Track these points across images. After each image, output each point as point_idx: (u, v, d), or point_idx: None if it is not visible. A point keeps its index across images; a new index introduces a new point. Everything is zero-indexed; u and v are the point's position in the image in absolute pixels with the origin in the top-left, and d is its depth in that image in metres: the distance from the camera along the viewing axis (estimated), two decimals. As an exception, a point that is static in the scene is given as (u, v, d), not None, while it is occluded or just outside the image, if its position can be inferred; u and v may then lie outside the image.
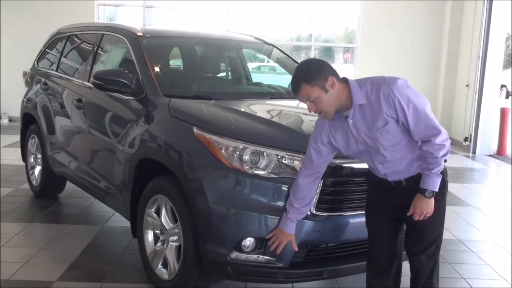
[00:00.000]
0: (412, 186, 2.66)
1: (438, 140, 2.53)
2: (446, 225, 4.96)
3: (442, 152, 2.54)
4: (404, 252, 2.96)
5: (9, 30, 10.71)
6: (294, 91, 2.62)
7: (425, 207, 2.62)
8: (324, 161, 2.80)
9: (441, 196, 2.71)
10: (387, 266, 2.90)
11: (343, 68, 12.05)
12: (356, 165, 3.06)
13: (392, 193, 2.75)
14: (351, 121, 2.63)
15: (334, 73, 2.59)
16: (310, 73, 2.55)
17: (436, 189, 2.61)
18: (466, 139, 9.96)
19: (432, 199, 2.62)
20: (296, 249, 2.93)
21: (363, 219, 2.97)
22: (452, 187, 6.67)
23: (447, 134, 2.58)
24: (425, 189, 2.60)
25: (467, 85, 10.06)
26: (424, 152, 2.57)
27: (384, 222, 2.83)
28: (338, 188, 3.07)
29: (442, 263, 4.20)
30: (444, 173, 2.69)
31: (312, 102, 2.57)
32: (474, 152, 9.63)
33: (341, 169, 3.06)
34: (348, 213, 3.09)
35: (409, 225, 2.78)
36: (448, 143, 2.57)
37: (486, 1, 9.42)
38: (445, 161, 2.68)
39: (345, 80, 2.62)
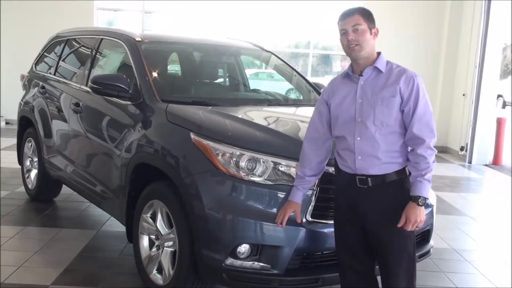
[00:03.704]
0: (376, 192, 2.62)
1: (432, 143, 2.57)
2: (441, 234, 5.03)
3: (433, 158, 2.58)
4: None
5: (7, 33, 10.71)
6: (346, 15, 2.64)
7: (419, 216, 2.58)
8: (324, 125, 2.80)
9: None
10: (358, 278, 2.81)
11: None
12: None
13: (358, 198, 2.66)
14: (361, 82, 2.66)
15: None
16: (369, 13, 2.67)
17: (428, 196, 2.59)
18: (462, 149, 9.98)
19: (424, 207, 2.60)
20: (299, 220, 2.89)
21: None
22: (447, 197, 6.70)
23: (435, 142, 2.62)
24: (418, 196, 2.56)
25: (463, 95, 10.10)
26: (417, 156, 2.57)
27: (353, 234, 2.74)
28: (334, 196, 3.07)
29: (437, 272, 4.23)
30: (408, 188, 2.65)
31: (355, 31, 2.61)
32: (470, 162, 9.64)
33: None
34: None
35: (374, 238, 2.69)
36: (434, 148, 2.60)
37: (483, 11, 9.47)
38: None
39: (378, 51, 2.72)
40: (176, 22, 11.54)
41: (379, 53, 2.70)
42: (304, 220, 2.96)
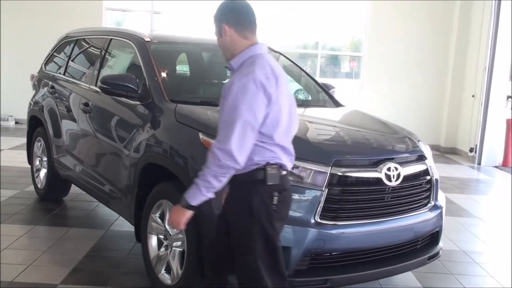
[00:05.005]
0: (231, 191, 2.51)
1: (216, 145, 2.31)
2: (450, 236, 5.01)
3: (212, 162, 2.30)
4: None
5: (16, 33, 10.74)
6: None
7: (175, 217, 2.44)
8: None
9: (239, 219, 2.45)
10: None
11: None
12: (360, 174, 3.07)
13: None
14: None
15: (236, 23, 2.48)
16: (216, 14, 2.55)
17: (192, 203, 2.37)
18: (471, 150, 9.93)
19: (186, 211, 2.39)
20: None
21: (367, 228, 2.99)
22: (456, 198, 6.67)
23: (231, 154, 2.27)
24: (183, 196, 2.41)
25: (473, 96, 10.05)
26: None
27: None
28: (342, 197, 3.08)
29: (446, 274, 4.21)
30: (249, 196, 2.41)
31: None
32: (479, 163, 9.59)
33: (346, 178, 3.07)
34: (352, 222, 3.09)
35: None
36: (224, 161, 2.28)
37: (493, 11, 9.42)
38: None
39: (255, 43, 2.49)
40: (184, 22, 11.56)
41: (255, 43, 2.48)
42: (312, 221, 2.96)
